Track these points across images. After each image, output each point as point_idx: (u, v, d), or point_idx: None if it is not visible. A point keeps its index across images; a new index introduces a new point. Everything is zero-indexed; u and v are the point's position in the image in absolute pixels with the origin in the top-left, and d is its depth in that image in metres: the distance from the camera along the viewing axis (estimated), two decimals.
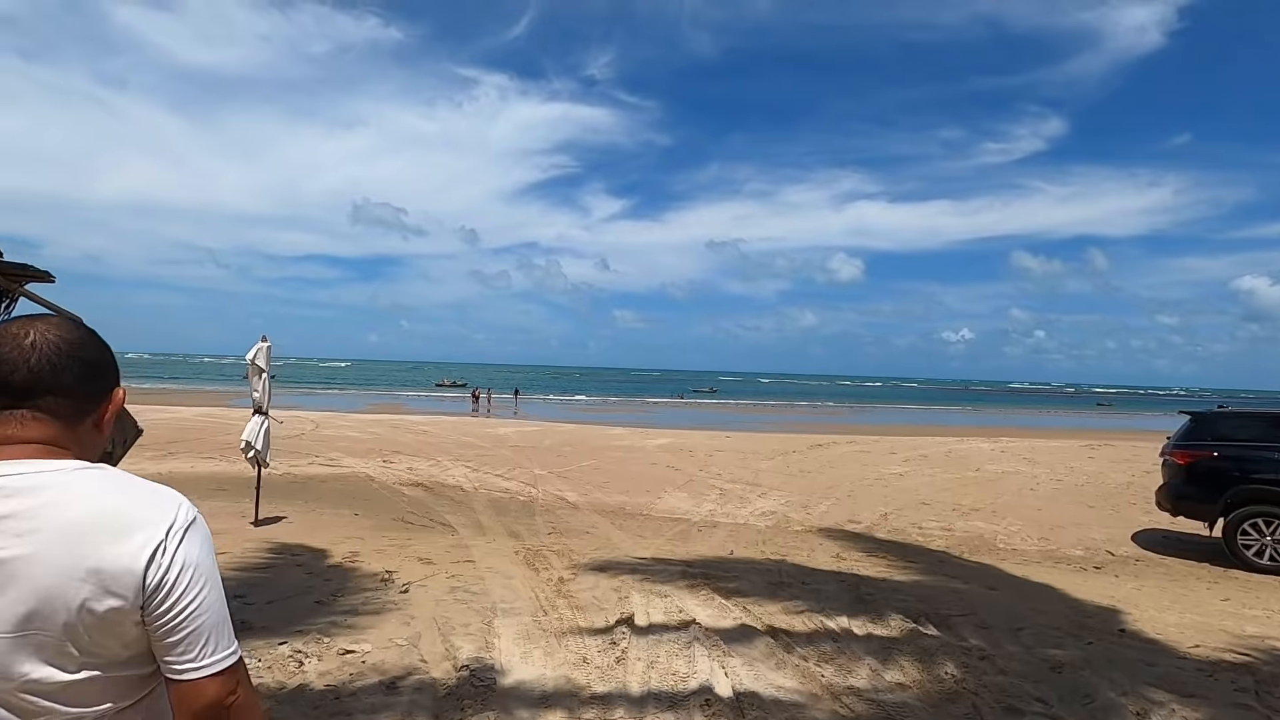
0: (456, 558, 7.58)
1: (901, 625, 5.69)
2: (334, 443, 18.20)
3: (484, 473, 14.39)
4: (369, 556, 7.49)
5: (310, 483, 12.72)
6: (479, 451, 17.61)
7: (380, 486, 12.59)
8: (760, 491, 13.20)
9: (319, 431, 20.57)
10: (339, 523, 9.62)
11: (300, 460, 15.14)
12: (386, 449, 17.34)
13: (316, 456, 15.75)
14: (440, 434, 21.10)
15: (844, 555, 8.61)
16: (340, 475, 13.59)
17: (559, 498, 12.08)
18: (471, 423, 26.25)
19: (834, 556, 8.53)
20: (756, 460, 17.47)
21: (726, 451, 19.06)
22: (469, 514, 10.54)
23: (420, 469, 14.59)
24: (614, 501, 11.95)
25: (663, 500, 12.16)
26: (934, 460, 18.57)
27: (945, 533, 10.36)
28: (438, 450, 17.52)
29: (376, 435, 20.11)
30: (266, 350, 8.93)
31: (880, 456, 19.02)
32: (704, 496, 12.60)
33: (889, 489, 13.93)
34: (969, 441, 24.12)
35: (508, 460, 16.24)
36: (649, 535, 9.54)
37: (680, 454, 18.39)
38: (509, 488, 12.83)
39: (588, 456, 17.38)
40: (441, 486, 12.77)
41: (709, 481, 14.17)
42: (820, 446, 20.87)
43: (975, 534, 10.35)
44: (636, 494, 12.69)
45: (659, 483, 13.93)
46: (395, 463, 15.30)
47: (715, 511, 11.33)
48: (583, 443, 20.36)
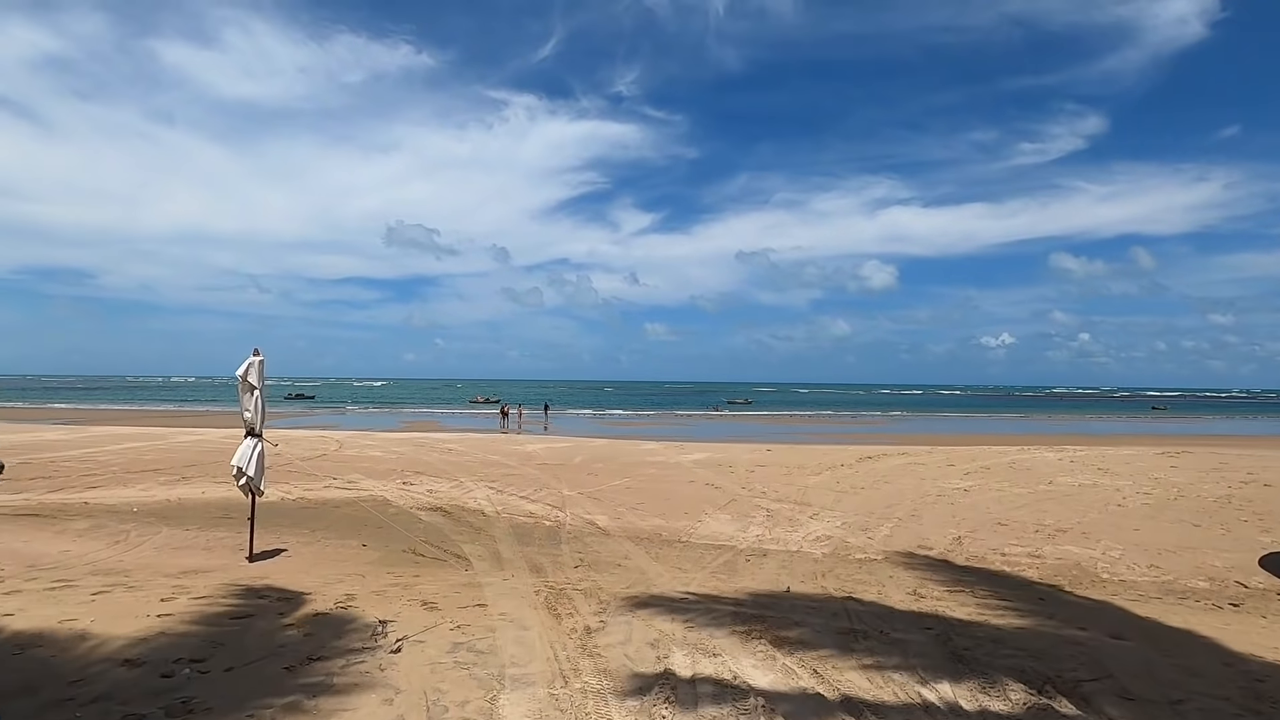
0: (466, 600, 6.49)
1: (1023, 697, 4.40)
2: (355, 464, 17.40)
3: (508, 494, 13.34)
4: (366, 600, 6.45)
5: (323, 508, 11.83)
6: (505, 471, 16.61)
7: (396, 512, 11.63)
8: (811, 512, 11.88)
9: (342, 452, 19.83)
10: (343, 556, 8.64)
11: (316, 483, 14.31)
12: (409, 470, 16.45)
13: (334, 479, 14.92)
14: (466, 452, 20.18)
15: (922, 591, 7.30)
16: (356, 499, 12.68)
17: (588, 522, 10.95)
18: (500, 440, 25.34)
19: (910, 593, 7.22)
20: (803, 476, 16.11)
21: (769, 466, 17.72)
22: (487, 543, 9.47)
23: (441, 491, 13.61)
24: (649, 526, 10.78)
25: (703, 524, 10.94)
26: (998, 472, 16.97)
27: (1034, 560, 8.93)
28: (462, 470, 16.56)
29: (400, 455, 19.28)
30: (259, 365, 8.02)
31: (937, 469, 17.49)
32: (749, 519, 11.34)
33: (956, 507, 12.48)
34: (1031, 450, 22.31)
35: (534, 480, 15.19)
36: (690, 567, 8.34)
37: (719, 470, 17.13)
38: (534, 511, 11.75)
39: (620, 474, 16.24)
40: (462, 511, 11.76)
41: (753, 501, 12.90)
42: (870, 459, 19.38)
43: (1070, 561, 8.91)
44: (674, 517, 11.50)
45: (698, 503, 12.71)
46: (416, 485, 14.36)
47: (763, 537, 10.07)
48: (614, 459, 19.22)
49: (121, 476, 14.72)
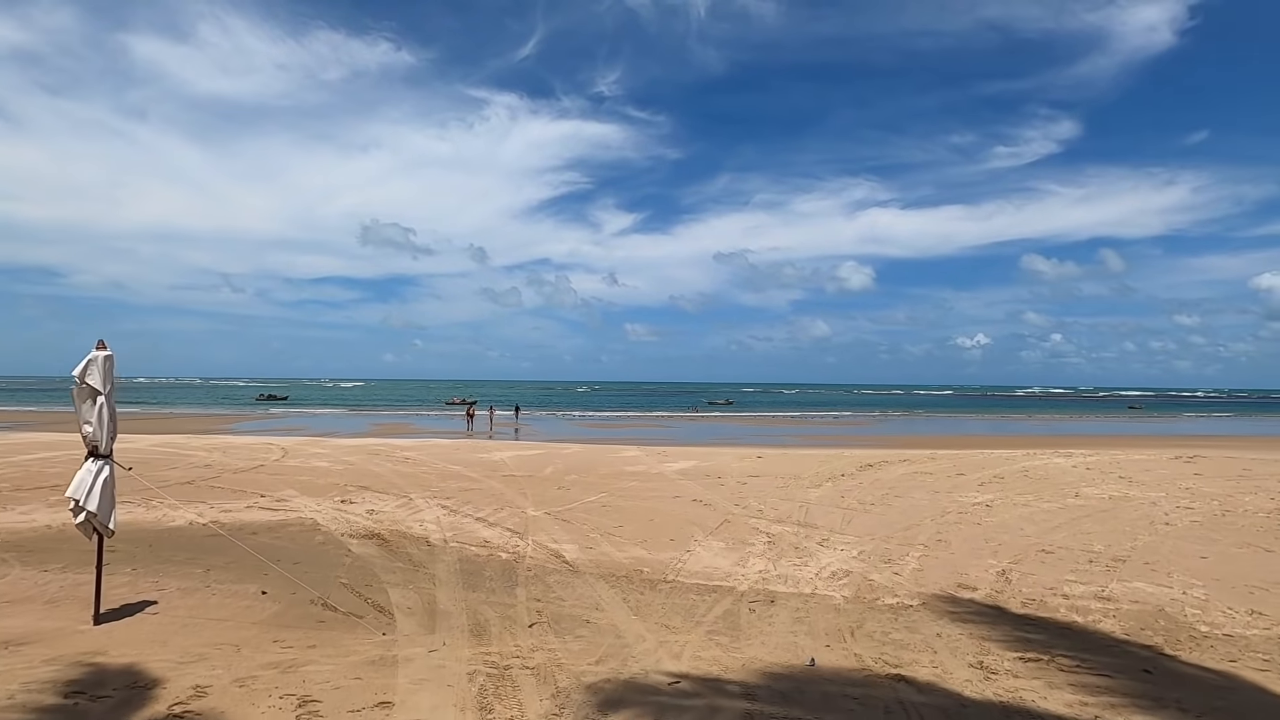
0: (366, 695, 4.57)
1: None
2: (294, 476, 15.29)
3: (463, 515, 11.38)
4: (221, 697, 4.50)
5: (233, 537, 9.79)
6: (464, 485, 14.62)
7: (323, 541, 9.63)
8: (820, 537, 10.08)
9: (283, 462, 17.68)
10: (228, 611, 6.64)
11: (238, 502, 12.22)
12: (354, 484, 14.39)
13: (263, 496, 12.83)
14: (425, 462, 18.13)
15: (990, 662, 5.50)
16: (279, 524, 10.65)
17: (554, 554, 9.04)
18: (464, 447, 23.26)
19: (975, 664, 5.43)
20: (801, 488, 14.34)
21: (762, 477, 15.94)
22: (424, 587, 7.52)
23: (384, 512, 11.61)
24: (627, 559, 8.89)
25: (693, 555, 9.08)
26: (1014, 483, 15.36)
27: (1106, 605, 7.20)
28: (415, 484, 14.54)
29: (349, 466, 17.19)
30: (103, 364, 5.98)
31: (947, 479, 15.83)
32: (747, 546, 9.51)
33: (984, 528, 10.76)
34: (1039, 456, 20.80)
35: (497, 496, 13.23)
36: (679, 624, 6.48)
37: (707, 482, 15.30)
38: (490, 539, 9.81)
39: (595, 489, 14.33)
40: (403, 539, 9.78)
41: (750, 522, 11.07)
42: (871, 467, 17.68)
43: (1149, 604, 7.18)
44: (657, 545, 9.63)
45: (686, 526, 10.85)
46: (356, 503, 12.33)
47: (768, 573, 8.23)
48: (590, 469, 17.31)
49: (7, 495, 12.50)
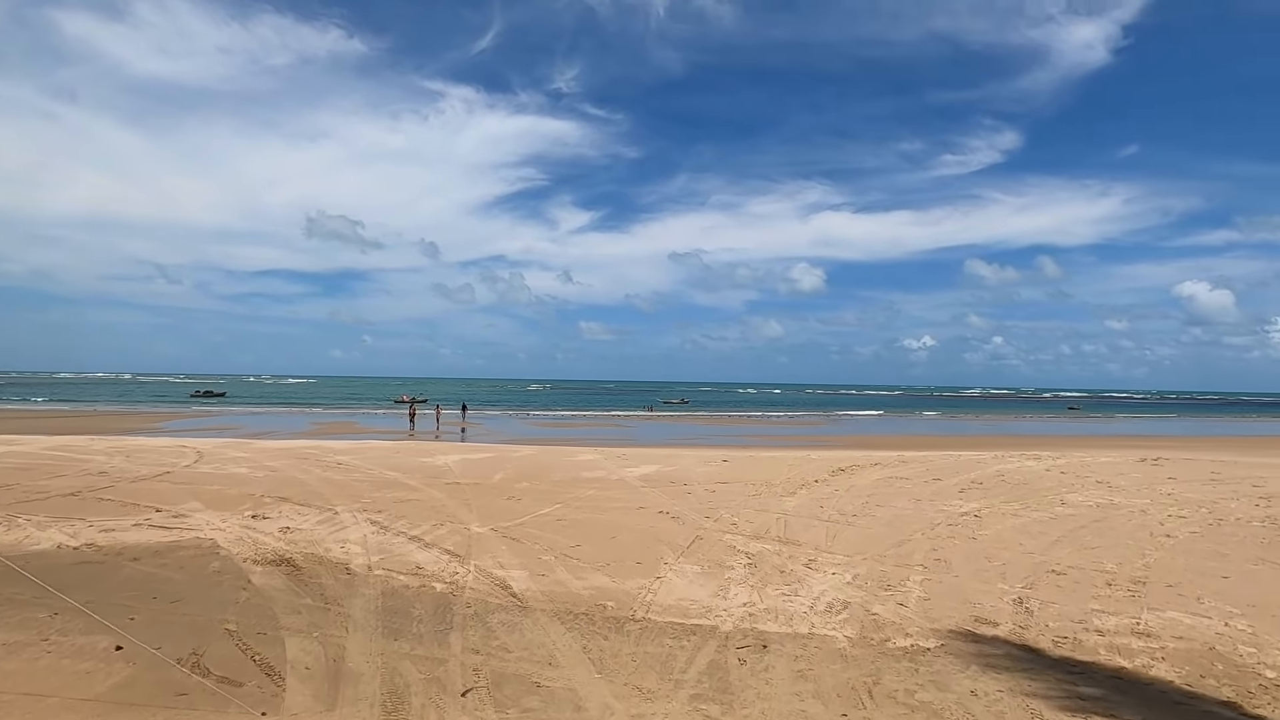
0: None
1: None
2: (204, 485, 13.42)
3: (394, 534, 9.83)
4: None
5: (107, 565, 8.08)
6: (400, 495, 13.01)
7: (218, 569, 8.00)
8: (805, 556, 8.90)
9: (195, 468, 15.70)
10: (57, 681, 5.04)
11: (126, 518, 10.40)
12: (271, 494, 12.64)
13: (158, 510, 11.02)
14: (359, 467, 16.38)
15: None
16: (169, 547, 8.93)
17: (499, 584, 7.61)
18: (406, 450, 21.47)
19: None
20: (774, 496, 13.20)
21: (731, 483, 14.75)
22: (332, 635, 6.02)
23: (301, 530, 9.97)
24: (587, 589, 7.52)
25: (665, 583, 7.77)
26: (994, 488, 14.54)
27: (1147, 642, 6.17)
28: (344, 494, 12.87)
29: (271, 472, 15.33)
30: None
31: (925, 485, 14.93)
32: (726, 570, 8.25)
33: (980, 544, 9.76)
34: (1009, 459, 20.21)
35: (436, 509, 11.69)
36: (654, 683, 5.16)
37: (673, 490, 14.03)
38: (423, 564, 8.31)
39: (549, 498, 12.91)
40: (318, 565, 8.21)
41: (725, 539, 9.83)
42: (843, 471, 16.70)
43: (1196, 641, 6.19)
44: (622, 569, 8.29)
45: (654, 544, 9.54)
46: (270, 519, 10.64)
47: (754, 606, 6.98)
48: (543, 475, 15.85)
49: None
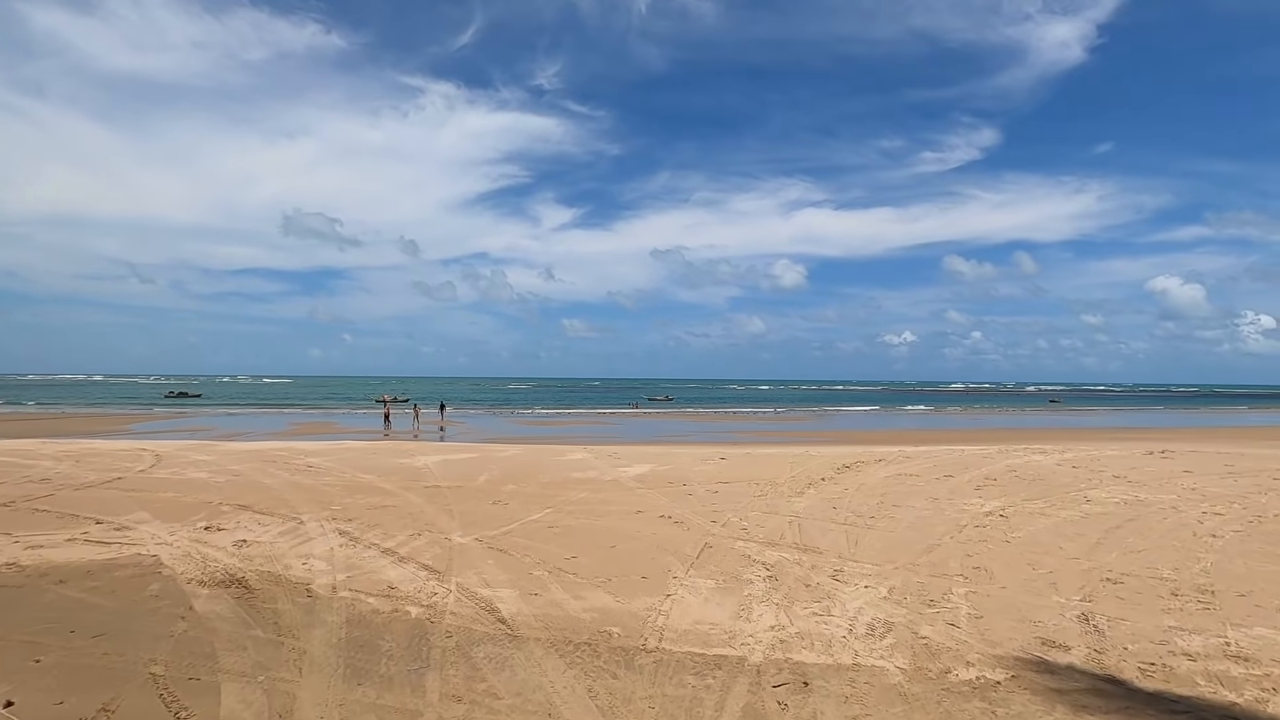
0: None
1: None
2: (157, 492, 12.21)
3: (366, 545, 8.73)
4: None
5: (28, 588, 6.93)
6: (375, 500, 11.89)
7: (158, 593, 6.87)
8: (830, 565, 7.94)
9: (150, 473, 14.44)
10: None
11: (61, 532, 9.21)
12: (229, 502, 11.46)
13: (98, 523, 9.82)
14: (330, 470, 15.20)
15: None
16: (104, 566, 7.78)
17: (485, 605, 6.56)
18: (384, 450, 20.26)
19: None
20: (782, 497, 12.26)
21: (733, 483, 13.79)
22: (282, 681, 4.95)
23: (260, 543, 8.84)
24: (588, 611, 6.50)
25: (676, 601, 6.77)
26: (1010, 485, 13.72)
27: (1247, 668, 5.28)
28: (312, 500, 11.72)
29: (234, 477, 14.12)
30: None
31: (937, 482, 14.07)
32: (744, 584, 7.26)
33: (1016, 547, 8.88)
34: (1014, 453, 19.48)
35: (414, 516, 10.60)
36: None
37: (672, 491, 13.04)
38: (397, 583, 7.24)
39: (539, 501, 11.86)
40: (275, 585, 7.11)
41: (737, 547, 8.84)
42: (848, 469, 15.82)
43: None
44: (626, 585, 7.28)
45: (658, 553, 8.54)
46: (224, 530, 9.49)
47: (783, 629, 6.00)
48: (531, 476, 14.79)
49: None
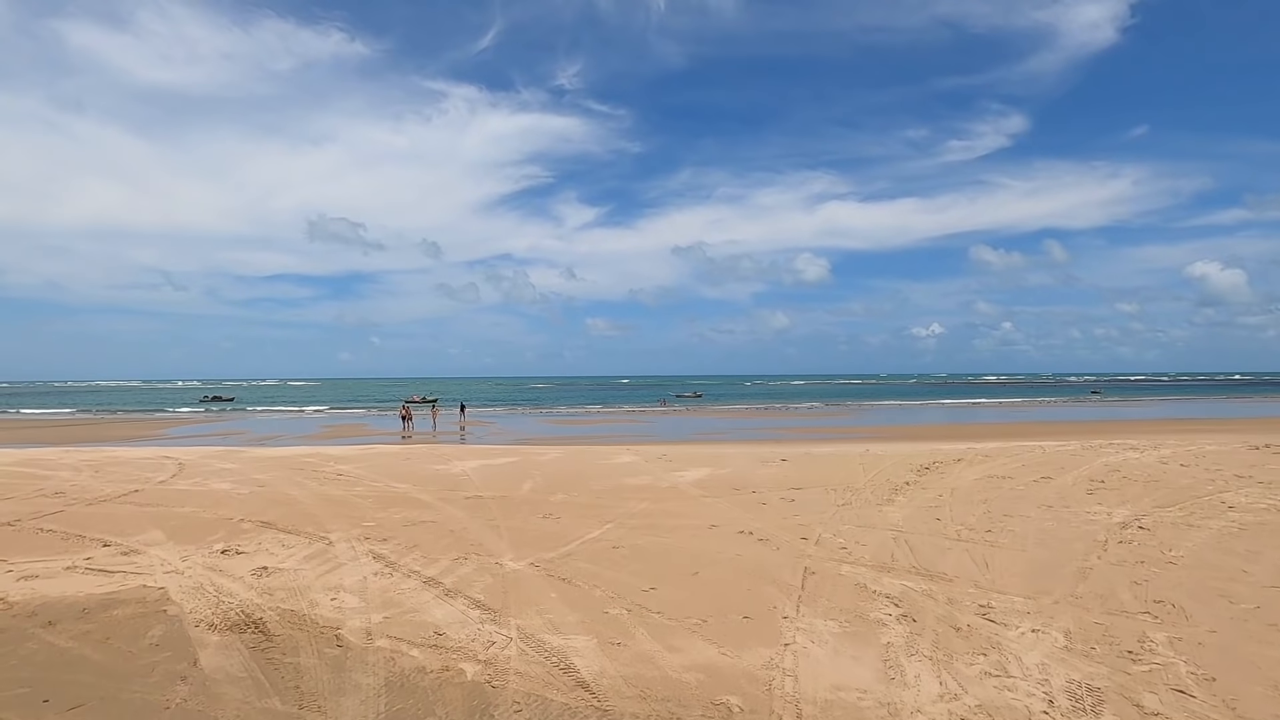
0: None
1: None
2: (173, 508, 11.10)
3: (404, 573, 7.43)
4: None
5: (10, 633, 5.75)
6: (411, 514, 10.63)
7: (158, 640, 5.63)
8: (972, 600, 6.43)
9: (171, 484, 13.38)
10: None
11: (62, 557, 8.06)
12: (253, 517, 10.29)
13: (105, 545, 8.68)
14: (363, 478, 14.02)
15: None
16: (103, 601, 6.59)
17: (558, 663, 5.19)
18: (418, 455, 19.07)
19: None
20: (870, 505, 10.74)
21: (807, 489, 12.30)
22: None
23: (282, 570, 7.59)
24: (688, 669, 5.09)
25: (799, 653, 5.32)
26: (1124, 488, 12.02)
27: None
28: (342, 515, 10.50)
29: (259, 487, 12.99)
30: None
31: (1035, 485, 12.42)
32: (876, 627, 5.80)
33: (1190, 573, 7.28)
34: (1102, 450, 17.67)
35: (457, 534, 9.30)
36: None
37: (741, 499, 11.60)
38: (444, 627, 5.90)
39: (594, 514, 10.50)
40: (296, 630, 5.83)
41: (844, 573, 7.37)
42: (928, 470, 14.21)
43: None
44: (727, 630, 5.86)
45: (752, 581, 7.10)
46: (245, 553, 8.28)
47: (959, 700, 4.53)
48: (579, 483, 13.45)
49: None
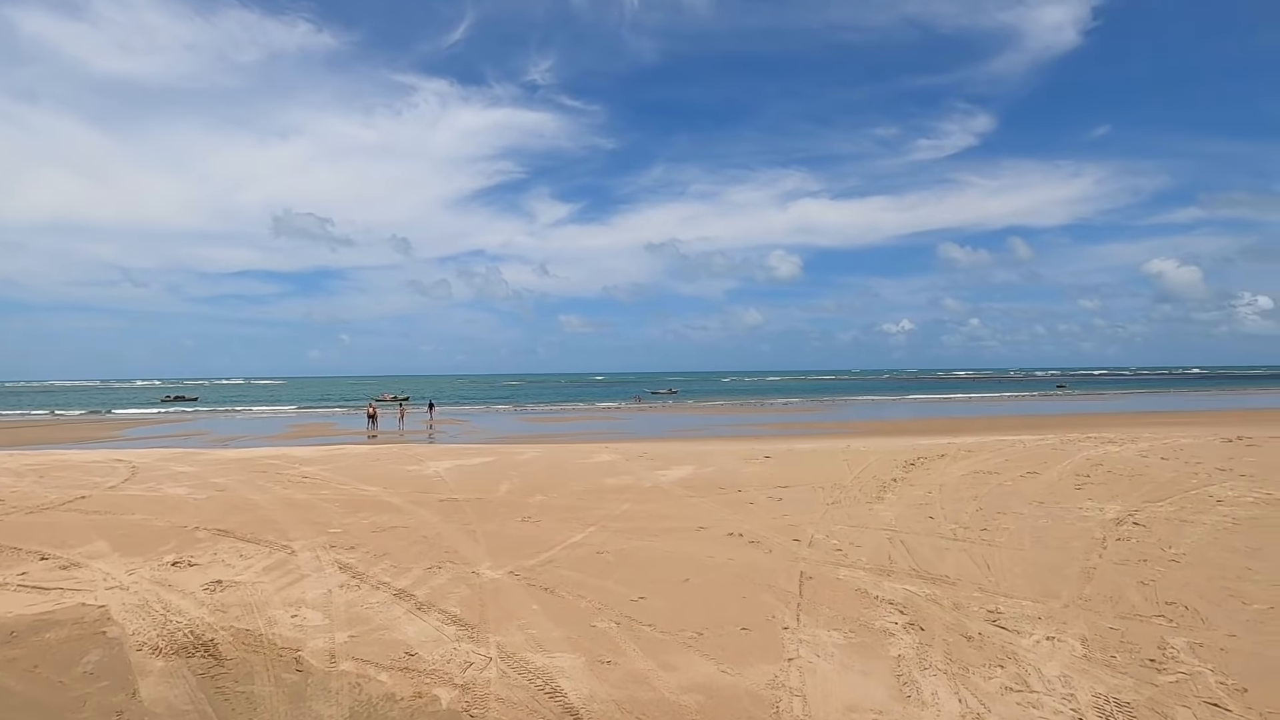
0: None
1: None
2: (121, 515, 10.36)
3: (372, 585, 6.89)
4: None
5: None
6: (381, 519, 10.05)
7: (93, 670, 5.04)
8: (979, 605, 6.10)
9: (121, 490, 12.57)
10: None
11: None
12: (209, 525, 9.62)
13: (43, 558, 7.98)
14: (328, 481, 13.35)
15: None
16: (34, 623, 5.94)
17: (543, 686, 4.72)
18: (389, 455, 18.37)
19: None
20: (860, 504, 10.43)
21: (794, 487, 11.97)
22: None
23: (238, 583, 6.99)
24: (686, 691, 4.65)
25: (804, 669, 4.92)
26: (1111, 483, 11.90)
27: None
28: (306, 521, 9.88)
29: (217, 491, 12.27)
30: None
31: (1022, 480, 12.24)
32: (883, 638, 5.43)
33: (1195, 571, 7.06)
34: (1082, 444, 17.69)
35: (430, 541, 8.75)
36: None
37: (727, 498, 11.21)
38: (416, 646, 5.39)
39: (575, 517, 10.02)
40: (251, 654, 5.27)
41: (843, 576, 7.00)
42: (914, 466, 13.99)
43: None
44: (725, 644, 5.44)
45: (747, 588, 6.70)
46: (198, 564, 7.65)
47: (981, 719, 4.17)
48: (558, 483, 12.95)
49: None
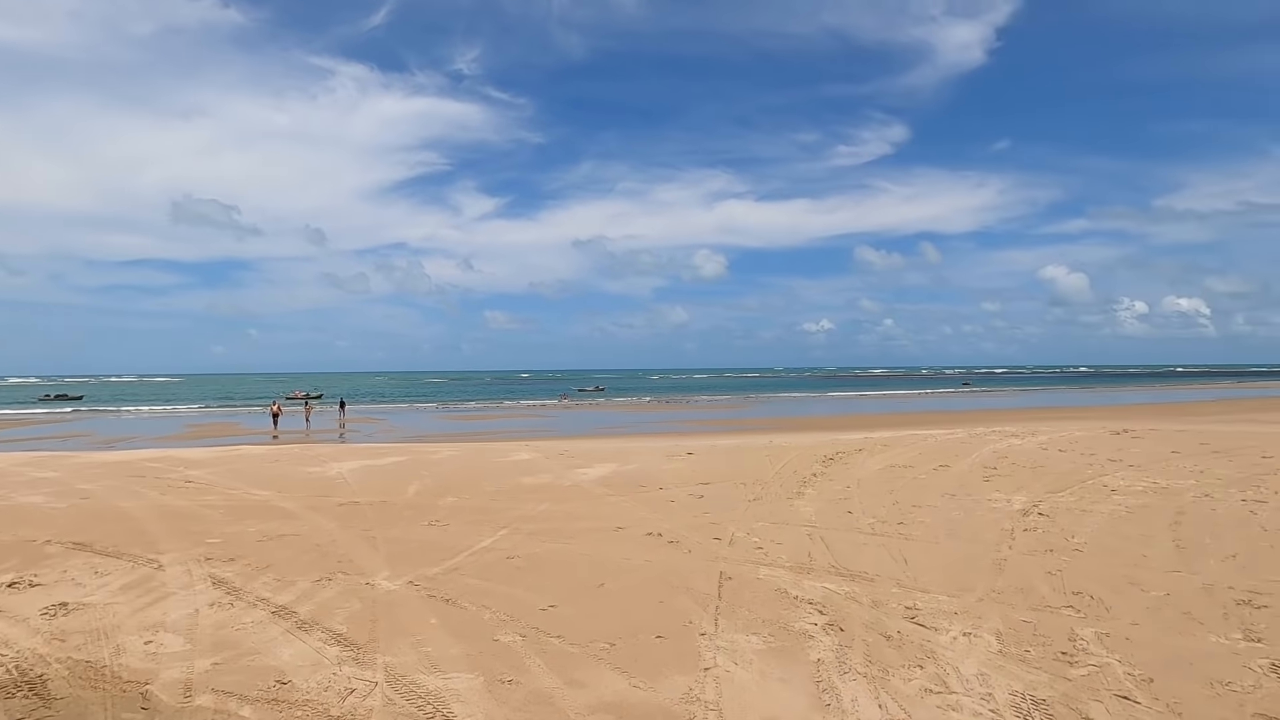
0: None
1: None
2: None
3: (249, 601, 6.15)
4: None
5: None
6: (270, 527, 9.18)
7: None
8: (898, 602, 5.97)
9: None
10: None
11: None
12: (65, 537, 8.51)
13: None
14: (215, 485, 12.22)
15: None
16: None
17: (430, 716, 4.20)
18: (289, 456, 17.13)
19: None
20: (781, 500, 10.33)
21: (715, 483, 11.78)
22: None
23: (86, 605, 6.11)
24: (594, 711, 4.25)
25: (721, 679, 4.61)
26: (1015, 475, 12.30)
27: None
28: (182, 531, 8.90)
29: (84, 498, 10.98)
30: None
31: (934, 473, 12.50)
32: (803, 641, 5.18)
33: (1097, 560, 7.21)
34: (987, 437, 18.40)
35: (323, 549, 8.00)
36: None
37: (648, 496, 10.89)
38: (290, 671, 4.75)
39: (488, 520, 9.45)
40: (89, 689, 4.52)
41: (763, 576, 6.77)
42: (832, 460, 14.09)
43: None
44: (638, 654, 5.07)
45: (664, 593, 6.36)
46: (41, 584, 6.67)
47: None
48: (474, 484, 12.30)
49: None
